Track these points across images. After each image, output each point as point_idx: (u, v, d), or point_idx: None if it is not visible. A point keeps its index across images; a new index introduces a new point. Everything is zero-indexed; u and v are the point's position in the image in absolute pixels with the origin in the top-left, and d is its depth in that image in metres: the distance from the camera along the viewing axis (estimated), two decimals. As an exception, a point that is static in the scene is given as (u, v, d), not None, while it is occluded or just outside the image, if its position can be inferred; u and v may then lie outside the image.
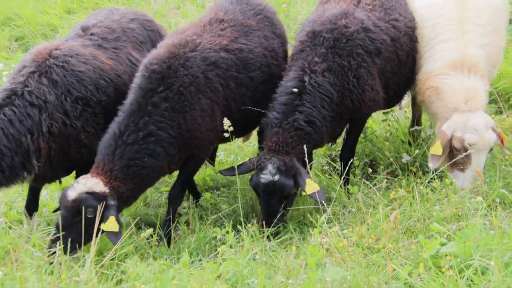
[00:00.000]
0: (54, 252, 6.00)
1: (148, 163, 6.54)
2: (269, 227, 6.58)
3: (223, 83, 7.00)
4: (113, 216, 6.29)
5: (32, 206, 7.37)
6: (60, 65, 6.90)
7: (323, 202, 6.55)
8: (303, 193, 6.87)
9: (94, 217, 6.18)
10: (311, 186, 6.62)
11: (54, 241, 6.23)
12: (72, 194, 6.35)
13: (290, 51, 7.72)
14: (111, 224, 6.24)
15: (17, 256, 5.96)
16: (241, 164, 6.93)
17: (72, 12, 13.71)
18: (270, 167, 6.63)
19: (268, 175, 6.61)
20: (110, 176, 6.46)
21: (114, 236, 6.25)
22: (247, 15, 7.62)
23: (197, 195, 7.74)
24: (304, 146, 6.72)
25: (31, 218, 7.29)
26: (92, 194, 6.34)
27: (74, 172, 7.38)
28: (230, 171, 6.99)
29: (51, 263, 5.94)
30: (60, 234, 6.07)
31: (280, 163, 6.65)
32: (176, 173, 7.26)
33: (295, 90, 6.85)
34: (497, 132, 7.06)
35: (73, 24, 12.60)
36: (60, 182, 7.64)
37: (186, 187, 7.27)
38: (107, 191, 6.39)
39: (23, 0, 14.25)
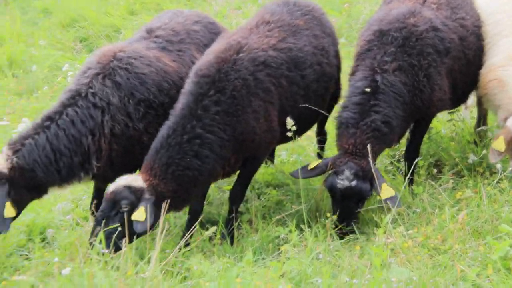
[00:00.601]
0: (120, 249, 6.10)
1: (193, 164, 6.51)
2: (344, 224, 6.62)
3: (275, 82, 6.95)
4: (142, 206, 6.30)
5: (97, 204, 7.44)
6: (123, 67, 6.95)
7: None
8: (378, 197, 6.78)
9: (129, 211, 6.29)
10: (387, 191, 6.54)
11: (93, 234, 6.30)
12: (112, 187, 6.47)
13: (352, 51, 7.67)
14: (138, 214, 6.27)
15: (84, 252, 6.02)
16: (315, 167, 6.86)
17: (135, 13, 13.84)
18: (347, 172, 6.57)
19: (345, 181, 6.55)
20: (150, 174, 6.49)
21: (139, 225, 6.25)
22: (295, 15, 7.55)
23: None
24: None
25: None
26: (129, 187, 6.40)
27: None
28: (303, 173, 6.92)
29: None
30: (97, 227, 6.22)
31: (357, 168, 6.58)
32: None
33: (368, 90, 6.77)
34: None
35: (136, 25, 12.72)
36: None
37: (246, 187, 7.25)
38: (145, 186, 6.42)
39: (87, 2, 14.42)
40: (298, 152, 8.38)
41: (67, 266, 5.91)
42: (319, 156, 8.19)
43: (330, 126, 8.33)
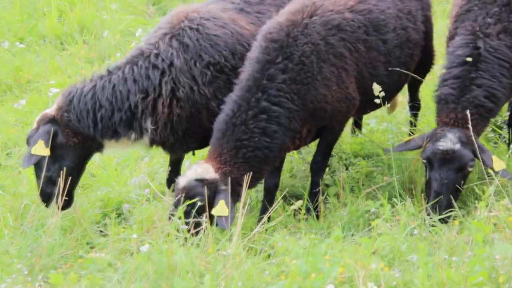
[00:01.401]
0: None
1: (261, 143, 6.47)
2: (442, 203, 6.41)
3: (350, 47, 6.82)
4: (222, 200, 6.27)
5: (172, 178, 7.51)
6: (194, 27, 6.96)
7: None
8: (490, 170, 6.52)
9: (204, 206, 6.22)
10: (498, 163, 6.36)
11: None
12: (182, 182, 6.42)
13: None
14: (220, 208, 6.24)
15: (163, 229, 6.08)
16: (410, 140, 6.77)
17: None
18: (450, 135, 6.42)
19: (448, 143, 6.38)
20: (220, 161, 6.45)
21: (224, 221, 6.22)
22: None
23: None
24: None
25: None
26: (201, 181, 6.36)
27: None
28: (397, 147, 6.84)
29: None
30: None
31: (461, 133, 6.43)
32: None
33: (469, 59, 6.57)
34: None
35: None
36: (194, 154, 7.76)
37: (327, 158, 7.19)
38: (217, 177, 6.39)
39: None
40: (388, 120, 8.27)
41: (145, 243, 5.99)
42: (411, 124, 8.10)
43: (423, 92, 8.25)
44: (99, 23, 11.93)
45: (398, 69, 7.08)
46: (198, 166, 6.49)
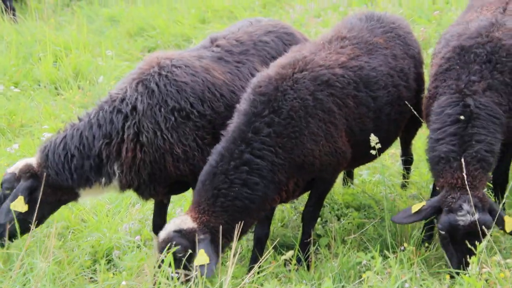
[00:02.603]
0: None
1: (241, 193, 6.43)
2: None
3: (339, 102, 6.80)
4: (202, 249, 6.23)
5: (157, 223, 7.51)
6: (163, 74, 7.02)
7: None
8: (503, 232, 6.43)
9: (185, 257, 6.21)
10: (510, 223, 6.23)
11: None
12: (162, 235, 6.40)
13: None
14: (201, 258, 6.19)
15: (153, 276, 6.06)
16: (420, 210, 6.44)
17: (206, 22, 13.95)
18: (466, 206, 6.20)
19: (467, 216, 6.16)
20: (199, 211, 6.43)
21: (206, 269, 6.14)
22: (375, 32, 7.43)
23: None
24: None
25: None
26: (179, 232, 6.34)
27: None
28: (406, 218, 6.52)
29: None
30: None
31: (476, 199, 6.22)
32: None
33: (462, 117, 6.46)
34: None
35: (207, 34, 12.80)
36: (168, 200, 7.78)
37: (318, 209, 7.16)
38: (195, 226, 6.36)
39: (156, 10, 14.62)
40: (381, 171, 8.28)
41: (136, 291, 5.97)
42: (404, 176, 8.10)
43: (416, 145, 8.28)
44: (94, 69, 11.99)
45: (387, 125, 7.09)
46: (178, 218, 6.49)
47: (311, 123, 6.64)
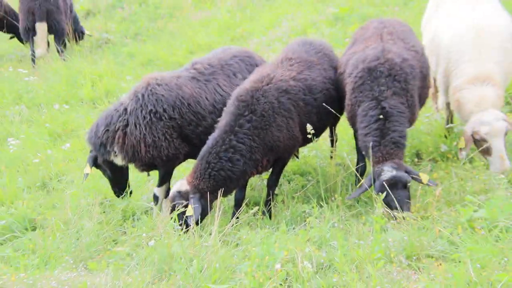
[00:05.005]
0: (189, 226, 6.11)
1: (226, 166, 6.45)
2: (409, 210, 6.05)
3: (294, 104, 6.82)
4: (190, 204, 6.29)
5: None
6: (149, 88, 7.07)
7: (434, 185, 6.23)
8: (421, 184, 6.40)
9: (185, 211, 6.28)
10: (424, 177, 6.16)
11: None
12: (170, 194, 6.51)
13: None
14: (189, 210, 6.25)
15: (164, 228, 6.04)
16: (360, 185, 6.44)
17: (193, 52, 13.84)
18: (386, 168, 6.16)
19: (387, 173, 6.11)
20: (193, 177, 6.47)
21: (190, 218, 6.19)
22: (310, 53, 7.41)
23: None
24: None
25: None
26: (179, 192, 6.43)
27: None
28: (355, 193, 6.45)
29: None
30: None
31: (392, 163, 6.19)
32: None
33: (381, 117, 6.38)
34: (509, 122, 6.76)
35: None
36: (148, 174, 7.86)
37: (279, 177, 7.13)
38: (189, 188, 6.42)
39: (159, 46, 14.50)
40: (316, 148, 8.29)
41: (152, 239, 5.93)
42: (331, 152, 8.09)
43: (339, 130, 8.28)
44: (119, 89, 11.88)
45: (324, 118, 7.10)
46: (180, 181, 6.55)
47: (277, 119, 6.67)
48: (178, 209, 6.30)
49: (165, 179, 7.33)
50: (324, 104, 7.08)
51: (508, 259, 4.95)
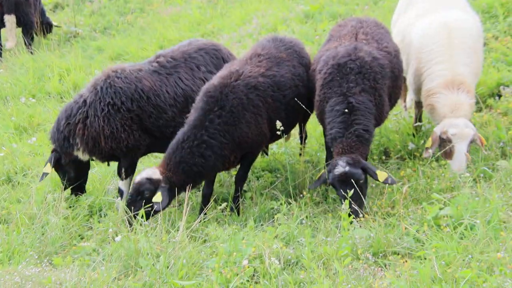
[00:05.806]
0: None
1: (198, 162, 6.45)
2: (356, 214, 5.96)
3: (263, 100, 6.80)
4: (159, 192, 6.29)
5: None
6: (108, 81, 7.07)
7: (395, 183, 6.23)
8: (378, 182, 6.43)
9: (150, 197, 6.30)
10: (381, 175, 6.19)
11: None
12: (137, 179, 6.46)
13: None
14: (157, 197, 6.26)
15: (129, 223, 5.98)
16: (319, 177, 6.44)
17: (164, 48, 13.68)
18: (340, 162, 6.18)
19: (339, 168, 6.12)
20: (166, 168, 6.45)
21: (158, 204, 6.22)
22: (279, 50, 7.36)
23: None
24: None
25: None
26: (149, 179, 6.38)
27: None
28: (313, 184, 6.51)
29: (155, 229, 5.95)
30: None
31: (348, 158, 6.19)
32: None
33: (346, 110, 6.42)
34: (478, 137, 6.86)
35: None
36: (108, 164, 7.78)
37: (247, 173, 7.11)
38: (161, 178, 6.39)
39: (129, 41, 14.35)
40: (285, 145, 8.29)
41: (118, 234, 5.87)
42: (300, 149, 8.11)
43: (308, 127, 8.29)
44: (87, 83, 11.72)
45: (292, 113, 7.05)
46: (150, 169, 6.49)
47: (246, 115, 6.64)
48: (146, 195, 6.33)
49: (129, 172, 7.28)
50: (293, 100, 7.07)
51: (472, 256, 5.03)
